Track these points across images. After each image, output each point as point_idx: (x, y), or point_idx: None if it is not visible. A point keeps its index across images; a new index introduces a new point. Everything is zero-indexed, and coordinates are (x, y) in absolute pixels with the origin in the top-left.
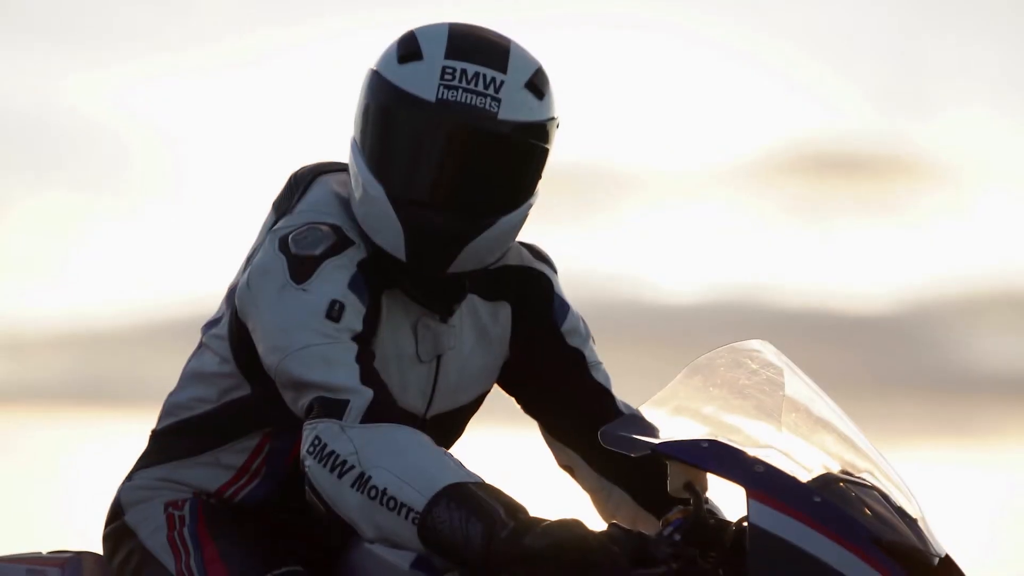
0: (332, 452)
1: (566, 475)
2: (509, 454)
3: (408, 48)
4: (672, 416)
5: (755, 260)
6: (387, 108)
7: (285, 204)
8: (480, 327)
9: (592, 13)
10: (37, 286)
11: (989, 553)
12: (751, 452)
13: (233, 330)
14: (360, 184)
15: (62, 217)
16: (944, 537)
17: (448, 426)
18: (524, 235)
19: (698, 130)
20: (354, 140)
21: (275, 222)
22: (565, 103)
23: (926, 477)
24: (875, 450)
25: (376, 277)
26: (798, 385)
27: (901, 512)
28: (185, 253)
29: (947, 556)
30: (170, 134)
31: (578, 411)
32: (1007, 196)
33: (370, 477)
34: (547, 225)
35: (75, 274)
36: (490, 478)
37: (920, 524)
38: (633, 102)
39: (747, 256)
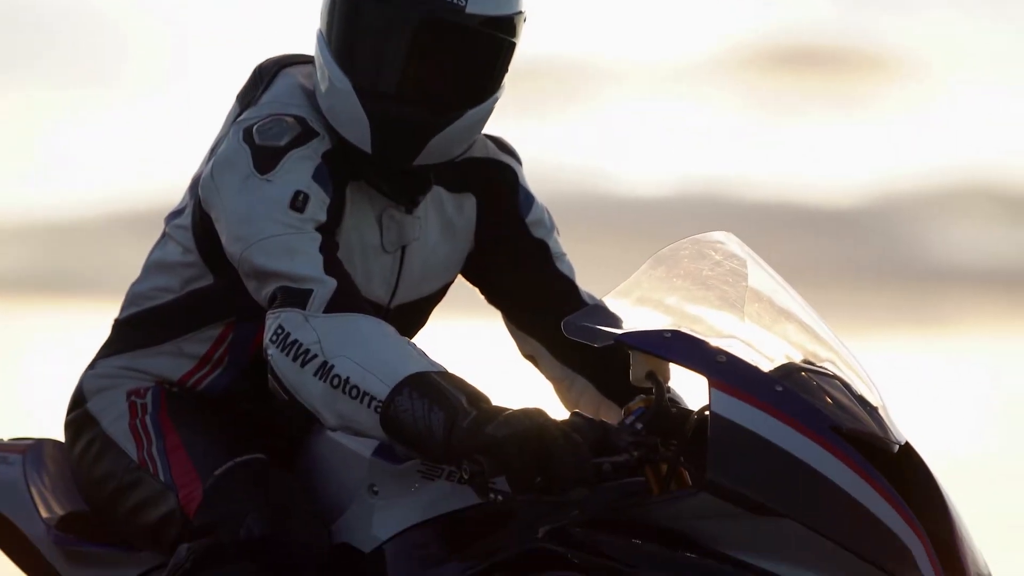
0: (295, 341)
1: (529, 364)
2: (472, 344)
3: None
4: (635, 306)
5: (722, 153)
6: (355, 0)
7: (250, 96)
8: (445, 218)
9: None
10: (1, 176)
11: (949, 440)
12: (713, 342)
13: (196, 220)
14: (326, 76)
15: (27, 108)
16: (904, 425)
17: (411, 316)
18: (490, 128)
19: (665, 23)
20: (320, 32)
21: (239, 114)
22: None
23: (889, 366)
24: (837, 340)
25: (341, 168)
26: (761, 276)
27: (862, 401)
28: (149, 144)
29: (907, 444)
30: (137, 25)
31: (542, 301)
32: (974, 90)
33: (333, 366)
34: (513, 118)
35: (40, 164)
36: (453, 368)
37: (880, 412)
38: None
39: (714, 149)
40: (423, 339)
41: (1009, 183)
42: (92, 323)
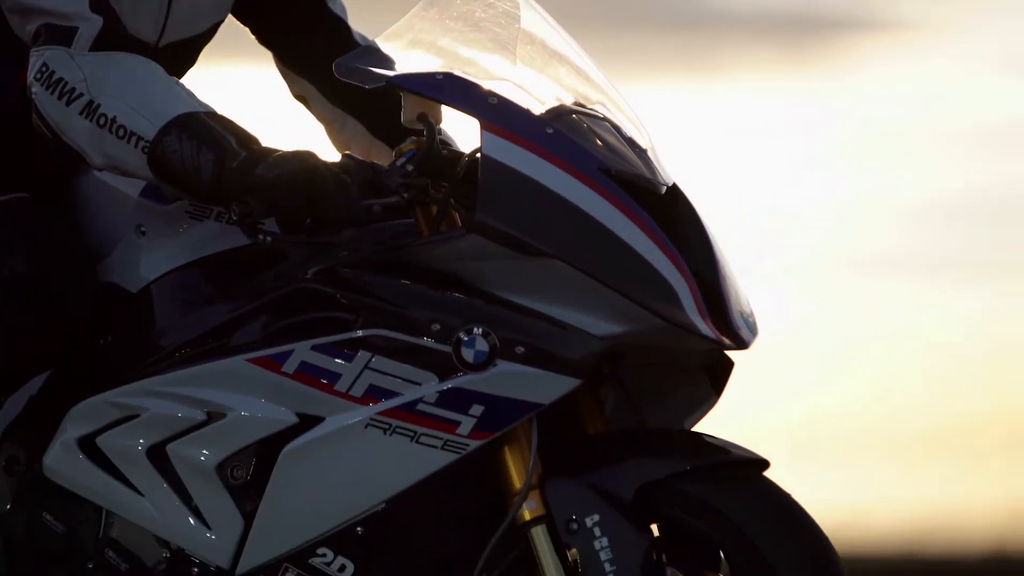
0: (60, 79)
1: (300, 106)
2: (242, 86)
3: None
4: (408, 49)
5: None
6: None
7: None
8: None
9: None
10: None
11: (717, 180)
12: (485, 84)
13: None
14: None
15: None
16: (672, 166)
17: (181, 56)
18: None
19: None
20: None
21: None
22: None
23: (660, 110)
24: (609, 83)
25: None
26: (534, 18)
27: (631, 143)
28: None
29: (674, 184)
30: None
31: (314, 41)
32: None
33: (99, 105)
34: None
35: None
36: (223, 110)
37: (649, 154)
38: None
39: None
40: (192, 80)
41: None
42: None
